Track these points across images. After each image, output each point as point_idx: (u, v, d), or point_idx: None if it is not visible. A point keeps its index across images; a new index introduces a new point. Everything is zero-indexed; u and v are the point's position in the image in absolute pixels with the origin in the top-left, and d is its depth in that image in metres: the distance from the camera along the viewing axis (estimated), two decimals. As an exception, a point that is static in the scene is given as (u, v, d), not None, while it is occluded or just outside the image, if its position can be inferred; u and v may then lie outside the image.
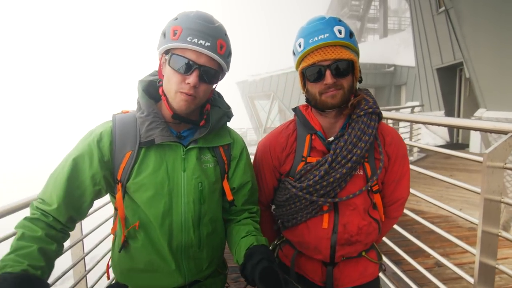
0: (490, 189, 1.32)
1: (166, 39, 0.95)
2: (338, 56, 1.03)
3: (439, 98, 9.66)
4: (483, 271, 1.36)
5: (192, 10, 0.99)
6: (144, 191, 0.98)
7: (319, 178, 1.09)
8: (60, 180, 0.95)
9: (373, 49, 18.60)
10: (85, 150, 0.97)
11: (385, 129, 1.19)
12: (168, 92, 0.99)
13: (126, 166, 0.98)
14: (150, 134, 0.98)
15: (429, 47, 9.58)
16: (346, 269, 1.21)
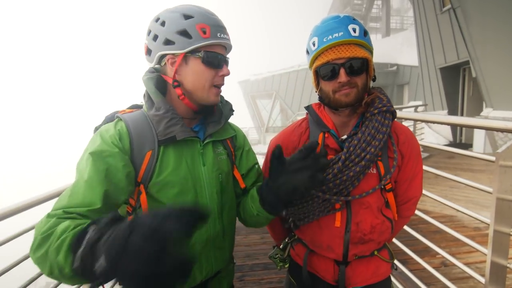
0: (502, 188, 1.31)
1: (195, 39, 0.96)
2: (353, 54, 1.02)
3: (442, 97, 9.64)
4: (495, 270, 1.36)
5: (191, 5, 1.01)
6: (170, 189, 0.98)
7: (332, 176, 1.09)
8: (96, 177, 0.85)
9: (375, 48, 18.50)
10: (110, 146, 0.91)
11: (398, 128, 1.19)
12: (197, 90, 1.00)
13: (148, 166, 0.96)
14: (171, 131, 0.97)
15: (433, 47, 9.56)
16: (358, 268, 1.21)
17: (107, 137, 0.93)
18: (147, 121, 1.00)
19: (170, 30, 0.96)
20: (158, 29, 0.98)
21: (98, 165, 0.88)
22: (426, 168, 2.02)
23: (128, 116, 1.01)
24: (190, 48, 0.96)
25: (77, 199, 0.83)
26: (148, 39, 1.01)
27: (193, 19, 0.96)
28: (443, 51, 9.00)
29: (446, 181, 5.35)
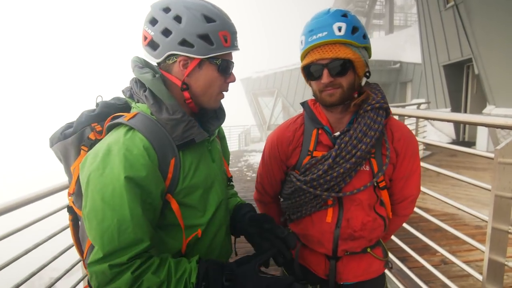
0: (501, 185, 1.30)
1: (217, 46, 0.91)
2: (335, 55, 1.01)
3: (445, 95, 9.57)
4: (492, 268, 1.35)
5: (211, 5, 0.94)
6: (195, 192, 0.96)
7: (323, 172, 1.10)
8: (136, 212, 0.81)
9: (378, 46, 18.43)
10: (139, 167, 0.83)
11: (395, 125, 1.18)
12: (204, 95, 0.97)
13: (174, 174, 0.92)
14: (189, 134, 0.93)
15: (436, 44, 9.48)
16: (349, 264, 1.22)
17: (133, 159, 0.84)
18: (158, 126, 0.92)
19: (190, 31, 0.88)
20: (172, 24, 0.88)
21: (135, 195, 0.82)
22: (427, 166, 2.00)
23: (139, 124, 0.90)
24: (212, 55, 0.92)
25: (128, 239, 0.80)
26: (155, 31, 0.90)
27: (216, 24, 0.90)
28: (446, 49, 8.92)
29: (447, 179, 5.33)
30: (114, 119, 0.95)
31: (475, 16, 3.06)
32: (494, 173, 1.30)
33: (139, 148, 0.85)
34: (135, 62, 0.99)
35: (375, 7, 25.11)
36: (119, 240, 0.79)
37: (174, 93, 0.96)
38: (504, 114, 2.97)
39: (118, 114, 0.98)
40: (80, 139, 0.98)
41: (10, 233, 1.48)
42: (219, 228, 1.05)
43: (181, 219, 0.94)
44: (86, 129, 0.99)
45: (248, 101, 21.46)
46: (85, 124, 1.00)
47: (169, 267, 0.85)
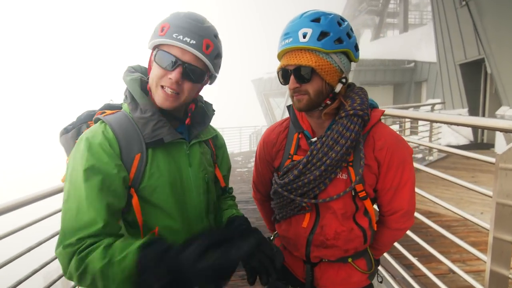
0: (503, 192, 1.22)
1: (155, 35, 0.96)
2: (298, 62, 0.99)
3: (462, 95, 9.25)
4: (495, 280, 1.26)
5: (185, 11, 0.99)
6: (161, 191, 0.97)
7: (294, 177, 1.09)
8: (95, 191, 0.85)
9: (392, 45, 18.08)
10: (101, 155, 0.89)
11: (379, 132, 1.10)
12: (151, 86, 0.99)
13: (138, 169, 0.95)
14: (158, 133, 0.95)
15: (452, 42, 9.19)
16: (327, 271, 1.20)
17: (96, 146, 0.90)
18: (132, 123, 0.98)
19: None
20: None
21: (93, 180, 0.86)
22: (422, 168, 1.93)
23: (112, 118, 0.97)
24: (150, 43, 0.97)
25: (82, 220, 0.83)
26: None
27: (165, 18, 0.96)
28: (463, 47, 8.63)
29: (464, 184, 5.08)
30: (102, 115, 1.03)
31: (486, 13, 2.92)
32: (495, 179, 1.22)
33: (101, 138, 0.92)
34: (128, 68, 1.07)
35: (389, 6, 24.63)
36: (77, 219, 0.83)
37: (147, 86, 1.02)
38: (518, 115, 2.82)
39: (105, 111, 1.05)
40: (77, 133, 1.08)
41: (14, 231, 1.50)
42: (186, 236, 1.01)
43: (139, 215, 0.95)
44: (83, 125, 1.09)
45: (259, 102, 21.45)
46: (83, 121, 1.10)
47: (114, 248, 0.81)
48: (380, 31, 26.15)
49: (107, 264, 0.78)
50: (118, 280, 0.78)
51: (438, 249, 2.24)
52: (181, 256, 0.75)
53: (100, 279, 0.79)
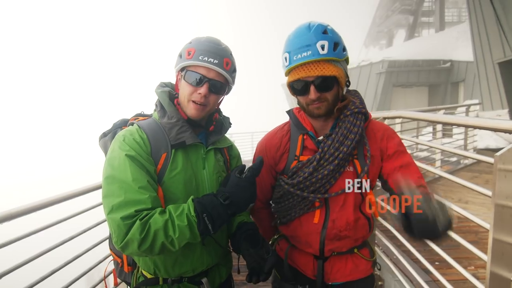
0: (502, 194, 1.21)
1: (182, 59, 1.14)
2: (321, 73, 1.07)
3: (501, 95, 8.68)
4: (496, 282, 1.25)
5: (204, 36, 1.19)
6: (177, 185, 1.13)
7: (308, 174, 1.15)
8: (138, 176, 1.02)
9: (427, 44, 17.33)
10: (138, 148, 1.07)
11: (375, 126, 1.23)
12: (182, 102, 1.17)
13: (163, 166, 1.11)
14: (181, 136, 1.13)
15: (490, 39, 8.67)
16: (337, 264, 1.25)
17: (132, 141, 1.09)
18: (160, 128, 1.15)
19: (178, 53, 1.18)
20: None
21: (136, 163, 1.04)
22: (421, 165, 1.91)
23: (144, 123, 1.17)
24: (178, 66, 1.14)
25: (134, 195, 1.00)
26: None
27: (189, 44, 1.14)
28: (501, 44, 8.12)
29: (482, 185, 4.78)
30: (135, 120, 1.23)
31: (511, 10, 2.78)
32: (494, 180, 1.22)
33: (136, 136, 1.11)
34: (161, 83, 1.26)
35: (423, 4, 23.62)
36: (125, 196, 1.00)
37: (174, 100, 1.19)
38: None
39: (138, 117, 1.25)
40: (113, 137, 1.24)
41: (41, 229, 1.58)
42: None
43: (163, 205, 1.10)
44: (118, 130, 1.28)
45: (289, 105, 21.46)
46: (118, 127, 1.29)
47: (169, 210, 1.01)
48: (414, 31, 25.16)
49: (168, 219, 0.98)
50: (181, 228, 0.97)
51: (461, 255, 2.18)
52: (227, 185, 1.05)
53: (162, 234, 0.97)
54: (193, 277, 1.20)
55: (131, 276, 1.25)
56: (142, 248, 0.97)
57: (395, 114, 2.54)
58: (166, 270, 1.16)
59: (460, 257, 2.34)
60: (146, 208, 1.00)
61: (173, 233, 0.97)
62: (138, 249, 0.98)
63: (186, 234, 0.98)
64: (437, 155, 6.12)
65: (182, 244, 1.00)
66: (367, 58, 17.14)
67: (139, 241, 0.96)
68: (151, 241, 0.97)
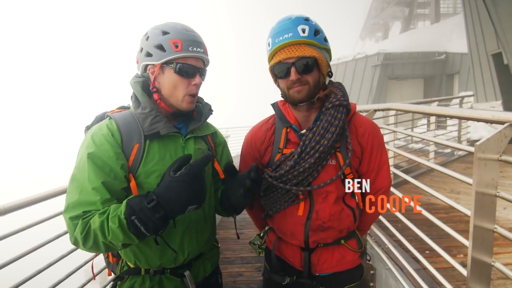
0: (482, 182, 1.26)
1: (168, 52, 1.10)
2: (301, 54, 1.09)
3: (495, 87, 8.74)
4: (477, 267, 1.30)
5: (172, 23, 1.15)
6: (154, 177, 1.12)
7: (289, 167, 1.17)
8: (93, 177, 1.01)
9: (422, 37, 17.33)
10: (104, 144, 1.05)
11: (358, 120, 1.24)
12: (171, 97, 1.14)
13: (136, 157, 1.10)
14: (155, 127, 1.11)
15: (483, 31, 8.69)
16: (323, 255, 1.27)
17: (100, 136, 1.07)
18: (134, 118, 1.14)
19: (150, 44, 1.11)
20: (143, 42, 1.14)
21: (96, 163, 1.03)
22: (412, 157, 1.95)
23: (117, 115, 1.16)
24: (164, 60, 1.10)
25: (86, 196, 1.00)
26: (138, 51, 1.17)
27: (169, 35, 1.10)
28: (495, 36, 8.15)
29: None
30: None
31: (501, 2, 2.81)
32: (474, 168, 1.26)
33: (106, 129, 1.09)
34: (136, 73, 1.23)
35: (419, -4, 23.56)
36: (79, 196, 1.01)
37: (153, 96, 1.17)
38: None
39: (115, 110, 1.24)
40: None
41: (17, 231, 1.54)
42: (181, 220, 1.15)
43: None
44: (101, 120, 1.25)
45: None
46: (100, 119, 1.25)
47: (109, 210, 0.99)
48: (410, 23, 25.10)
49: (104, 220, 0.96)
50: (113, 230, 0.94)
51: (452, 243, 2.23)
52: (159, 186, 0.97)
53: (100, 234, 0.96)
54: (175, 268, 1.20)
55: (117, 266, 1.26)
56: (87, 246, 0.99)
57: (385, 106, 2.58)
58: (146, 261, 1.16)
59: (451, 245, 2.41)
60: (95, 209, 0.99)
61: (108, 234, 0.96)
62: (84, 247, 1.00)
63: (119, 236, 0.95)
64: (431, 147, 6.16)
65: (120, 244, 0.98)
66: (362, 51, 17.12)
67: (82, 239, 0.97)
68: (93, 241, 0.97)
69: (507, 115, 1.28)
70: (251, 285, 2.91)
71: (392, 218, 2.74)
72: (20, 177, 28.38)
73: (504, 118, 1.28)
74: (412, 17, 24.73)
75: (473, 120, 1.40)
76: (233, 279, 3.00)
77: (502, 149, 1.25)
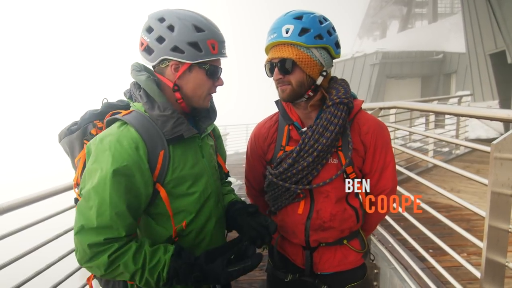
0: (498, 182, 1.24)
1: (205, 53, 1.01)
2: (281, 55, 1.10)
3: (492, 86, 8.80)
4: (491, 267, 1.29)
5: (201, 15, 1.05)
6: (184, 183, 1.06)
7: (288, 165, 1.17)
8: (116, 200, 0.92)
9: (420, 36, 17.40)
10: (127, 159, 0.94)
11: (362, 119, 1.21)
12: (194, 96, 1.07)
13: (162, 165, 1.01)
14: (178, 130, 1.02)
15: (481, 31, 8.74)
16: (325, 255, 1.26)
17: (121, 150, 0.94)
18: (150, 121, 1.02)
19: (181, 39, 0.98)
20: (165, 33, 0.99)
21: (117, 183, 0.91)
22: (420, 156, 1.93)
23: (132, 119, 1.01)
24: (199, 60, 1.02)
25: (107, 221, 0.90)
26: (150, 38, 1.00)
27: (205, 33, 1.01)
28: (493, 36, 8.19)
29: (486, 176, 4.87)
30: (112, 115, 1.08)
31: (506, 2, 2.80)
32: (490, 168, 1.24)
33: (129, 140, 0.96)
34: (133, 66, 1.11)
35: (417, -5, 23.64)
36: (97, 220, 0.90)
37: (166, 93, 1.06)
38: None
39: (117, 111, 1.12)
40: (83, 134, 1.13)
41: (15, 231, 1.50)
42: (208, 219, 1.13)
43: (169, 208, 1.04)
44: (89, 125, 1.14)
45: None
46: (88, 121, 1.15)
47: (144, 256, 0.94)
48: (408, 22, 25.19)
49: (140, 268, 0.93)
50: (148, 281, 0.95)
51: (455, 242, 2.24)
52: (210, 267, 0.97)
53: (128, 277, 0.95)
54: None
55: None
56: (103, 277, 0.98)
57: (390, 105, 2.56)
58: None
59: (454, 244, 2.40)
60: (117, 236, 0.92)
61: (139, 280, 0.95)
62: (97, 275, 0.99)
63: (151, 285, 0.96)
64: (430, 146, 6.18)
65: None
66: (361, 49, 17.15)
67: (102, 272, 0.93)
68: (114, 276, 0.96)
69: (524, 114, 1.26)
70: (253, 285, 2.89)
71: (395, 216, 2.73)
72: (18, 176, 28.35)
73: (520, 117, 1.26)
74: (410, 17, 24.82)
75: (488, 119, 1.38)
76: (235, 278, 2.98)
77: (519, 149, 1.23)
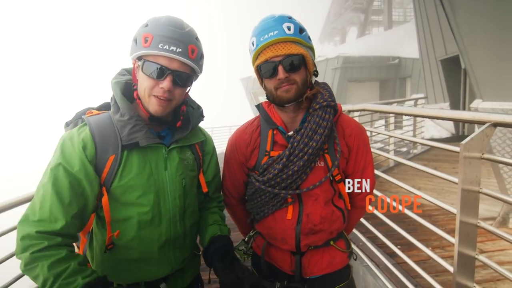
0: (467, 179, 1.31)
1: (138, 46, 0.97)
2: (288, 52, 1.06)
3: (443, 90, 9.51)
4: (463, 261, 1.36)
5: (163, 16, 1.00)
6: (132, 192, 1.00)
7: (278, 171, 1.13)
8: (60, 191, 0.91)
9: (377, 42, 18.37)
10: (74, 157, 0.94)
11: (345, 121, 1.23)
12: (142, 97, 1.01)
13: (110, 170, 0.98)
14: (134, 136, 0.98)
15: (433, 38, 9.43)
16: (314, 258, 1.25)
17: (69, 148, 0.95)
18: (112, 125, 1.00)
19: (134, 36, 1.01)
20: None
21: (60, 179, 0.92)
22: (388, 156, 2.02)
23: (94, 119, 1.01)
24: (134, 54, 0.98)
25: (44, 214, 0.89)
26: None
27: (145, 28, 0.97)
28: (443, 43, 8.87)
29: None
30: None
31: (459, 10, 3.05)
32: (460, 167, 1.32)
33: (79, 139, 0.97)
34: (121, 70, 1.09)
35: (373, 3, 25.05)
36: (39, 212, 0.90)
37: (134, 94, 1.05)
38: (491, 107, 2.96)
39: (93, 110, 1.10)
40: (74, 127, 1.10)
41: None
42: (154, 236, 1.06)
43: (108, 213, 0.99)
44: (79, 120, 1.11)
45: (248, 100, 21.49)
46: (79, 117, 1.12)
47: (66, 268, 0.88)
48: (365, 28, 26.53)
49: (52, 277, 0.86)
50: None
51: (420, 237, 2.36)
52: None
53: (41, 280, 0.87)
54: (150, 282, 1.11)
55: None
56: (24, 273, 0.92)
57: (360, 107, 2.64)
58: (116, 277, 1.06)
59: (420, 239, 2.50)
60: (51, 230, 0.89)
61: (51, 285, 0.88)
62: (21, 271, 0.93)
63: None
64: (391, 146, 6.52)
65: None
66: (323, 54, 17.73)
67: (22, 268, 0.90)
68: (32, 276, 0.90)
69: (488, 116, 1.34)
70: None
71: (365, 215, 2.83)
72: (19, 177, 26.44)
73: (485, 118, 1.35)
74: (367, 23, 26.20)
75: (454, 121, 1.46)
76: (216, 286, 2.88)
77: (484, 148, 1.32)
